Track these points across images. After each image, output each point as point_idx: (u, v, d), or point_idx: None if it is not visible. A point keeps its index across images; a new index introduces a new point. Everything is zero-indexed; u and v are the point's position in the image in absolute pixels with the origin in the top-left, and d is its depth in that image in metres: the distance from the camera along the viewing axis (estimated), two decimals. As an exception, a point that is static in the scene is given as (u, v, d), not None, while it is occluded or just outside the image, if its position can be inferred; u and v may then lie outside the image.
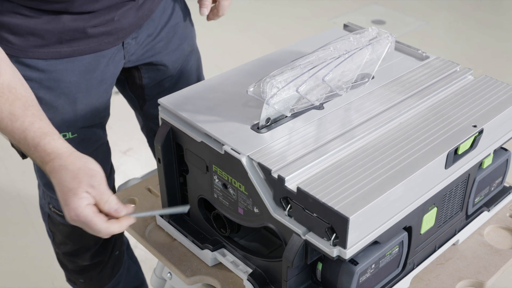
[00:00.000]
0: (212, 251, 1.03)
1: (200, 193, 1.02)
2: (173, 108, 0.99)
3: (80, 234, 1.38)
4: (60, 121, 1.18)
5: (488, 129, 0.96)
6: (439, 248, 1.03)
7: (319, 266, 0.90)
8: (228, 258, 1.03)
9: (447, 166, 0.92)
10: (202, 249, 1.04)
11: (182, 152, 1.02)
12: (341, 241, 0.80)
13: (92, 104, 1.23)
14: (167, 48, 1.31)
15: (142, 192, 1.23)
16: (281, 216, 0.87)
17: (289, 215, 0.87)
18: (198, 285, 1.06)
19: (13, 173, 2.39)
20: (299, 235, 0.85)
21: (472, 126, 0.94)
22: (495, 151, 1.06)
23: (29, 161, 1.20)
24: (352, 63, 0.99)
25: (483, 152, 0.99)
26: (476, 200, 1.07)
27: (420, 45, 1.25)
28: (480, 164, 1.03)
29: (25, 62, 1.12)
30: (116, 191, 1.33)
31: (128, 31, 1.20)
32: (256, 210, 0.92)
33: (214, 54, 3.10)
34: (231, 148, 0.90)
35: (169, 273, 1.12)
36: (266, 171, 0.87)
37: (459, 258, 1.05)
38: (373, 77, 1.06)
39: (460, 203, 1.03)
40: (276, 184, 0.86)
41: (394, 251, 0.92)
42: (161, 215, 1.11)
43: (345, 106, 1.00)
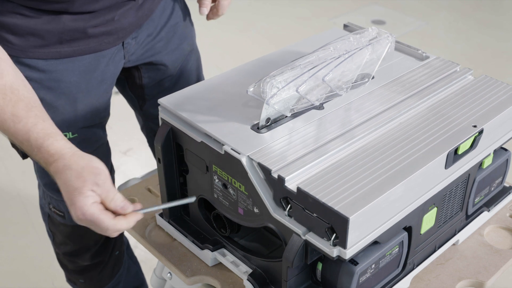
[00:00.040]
0: (212, 251, 1.03)
1: (200, 193, 1.02)
2: (173, 108, 0.99)
3: (80, 234, 1.38)
4: (60, 121, 1.18)
5: (488, 129, 0.96)
6: (439, 248, 1.03)
7: (319, 266, 0.90)
8: (228, 258, 1.03)
9: (447, 166, 0.92)
10: (202, 249, 1.04)
11: (182, 152, 1.02)
12: (341, 241, 0.80)
13: (92, 104, 1.23)
14: (167, 48, 1.32)
15: (142, 192, 1.23)
16: (281, 216, 0.87)
17: (289, 215, 0.87)
18: (198, 285, 1.06)
19: (13, 173, 2.39)
20: (299, 235, 0.85)
21: (472, 126, 0.94)
22: (495, 151, 1.06)
23: (29, 161, 1.21)
24: (352, 63, 0.99)
25: (483, 152, 0.99)
26: (476, 200, 1.07)
27: (420, 45, 1.25)
28: (480, 164, 1.03)
29: (25, 62, 1.12)
30: (116, 191, 1.33)
31: (128, 31, 1.20)
32: (256, 210, 0.92)
33: (214, 54, 3.10)
34: (231, 148, 0.90)
35: (169, 273, 1.12)
36: (266, 171, 0.87)
37: (459, 258, 1.05)
38: (373, 77, 1.06)
39: (460, 203, 1.03)
40: (276, 184, 0.86)
41: (394, 251, 0.92)
42: (162, 213, 1.11)
43: (345, 106, 1.00)
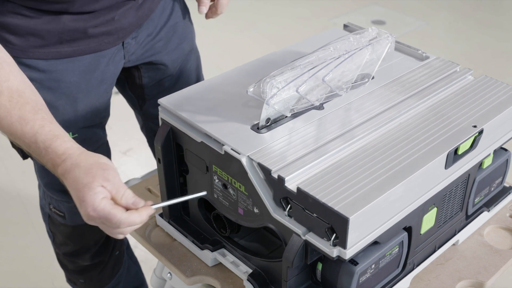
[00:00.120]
0: (212, 251, 1.03)
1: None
2: (173, 108, 0.99)
3: (80, 235, 1.38)
4: (61, 121, 1.18)
5: (488, 129, 0.96)
6: (439, 248, 1.03)
7: (319, 266, 0.90)
8: (228, 258, 1.03)
9: (447, 166, 0.92)
10: (202, 249, 1.04)
11: (182, 152, 1.02)
12: (341, 241, 0.80)
13: (93, 104, 1.23)
14: (167, 48, 1.32)
15: (142, 193, 1.23)
16: (281, 216, 0.87)
17: (289, 215, 0.87)
18: (198, 285, 1.06)
19: (13, 173, 2.39)
20: (299, 235, 0.85)
21: (472, 126, 0.95)
22: (495, 151, 1.06)
23: (29, 161, 1.20)
24: (352, 63, 0.99)
25: (483, 152, 0.99)
26: (476, 200, 1.07)
27: (420, 45, 1.25)
28: (480, 164, 1.03)
29: (26, 63, 1.12)
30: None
31: (128, 31, 1.20)
32: (256, 210, 0.92)
33: (214, 54, 3.10)
34: (231, 148, 0.90)
35: (169, 273, 1.12)
36: (266, 171, 0.87)
37: (459, 258, 1.05)
38: (373, 77, 1.06)
39: (460, 203, 1.03)
40: (276, 184, 0.86)
41: (394, 251, 0.92)
42: (162, 213, 1.11)
43: (345, 106, 1.00)
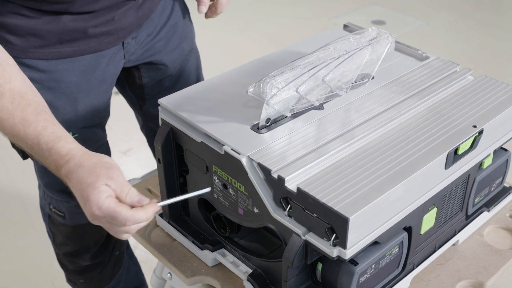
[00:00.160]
0: (212, 252, 1.03)
1: (200, 194, 1.02)
2: (173, 109, 0.99)
3: (80, 235, 1.38)
4: (61, 122, 1.17)
5: (488, 130, 0.96)
6: (439, 249, 1.03)
7: (319, 267, 0.90)
8: (228, 259, 1.03)
9: (447, 167, 0.92)
10: (202, 250, 1.04)
11: (182, 153, 1.02)
12: (341, 242, 0.80)
13: (93, 104, 1.23)
14: (167, 48, 1.32)
15: (142, 193, 1.22)
16: (281, 217, 0.87)
17: (289, 215, 0.87)
18: (198, 286, 1.06)
19: (13, 173, 2.39)
20: (299, 236, 0.85)
21: (472, 127, 0.95)
22: (495, 152, 1.06)
23: (29, 161, 1.20)
24: (352, 64, 0.99)
25: (483, 153, 0.99)
26: (476, 201, 1.07)
27: (420, 45, 1.25)
28: (480, 165, 1.03)
29: (26, 63, 1.12)
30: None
31: (128, 31, 1.20)
32: (256, 211, 0.92)
33: (214, 54, 3.10)
34: (231, 149, 0.90)
35: (169, 274, 1.12)
36: (266, 172, 0.87)
37: (459, 259, 1.05)
38: (373, 78, 1.06)
39: (460, 204, 1.03)
40: (276, 185, 0.86)
41: (394, 252, 0.92)
42: (162, 213, 1.11)
43: (345, 107, 1.00)
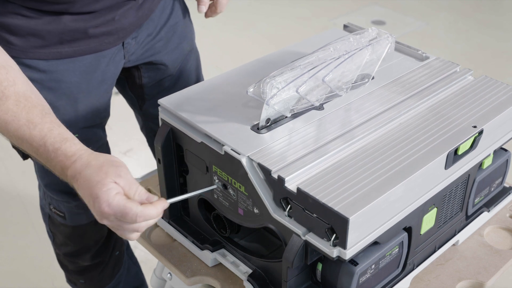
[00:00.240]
0: (212, 252, 1.03)
1: (200, 194, 1.02)
2: (173, 109, 0.99)
3: (81, 235, 1.38)
4: (61, 122, 1.18)
5: (488, 130, 0.97)
6: (439, 249, 1.03)
7: (319, 267, 0.90)
8: (228, 259, 1.03)
9: (447, 167, 0.92)
10: (202, 250, 1.04)
11: (182, 153, 1.02)
12: (341, 242, 0.80)
13: (93, 104, 1.23)
14: (167, 48, 1.32)
15: (142, 193, 1.23)
16: (281, 217, 0.87)
17: (289, 216, 0.87)
18: (198, 286, 1.06)
19: (13, 173, 2.39)
20: (299, 236, 0.85)
21: (472, 127, 0.95)
22: (495, 152, 1.06)
23: (29, 162, 1.20)
24: (352, 64, 0.99)
25: (483, 153, 0.99)
26: (476, 201, 1.07)
27: (420, 46, 1.25)
28: (480, 165, 1.03)
29: (26, 63, 1.12)
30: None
31: (129, 31, 1.20)
32: (256, 211, 0.92)
33: (214, 55, 3.10)
34: (231, 149, 0.90)
35: (169, 274, 1.12)
36: (266, 172, 0.87)
37: (459, 259, 1.05)
38: (373, 78, 1.07)
39: (460, 204, 1.03)
40: (276, 185, 0.86)
41: (394, 252, 0.92)
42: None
43: (345, 107, 1.00)
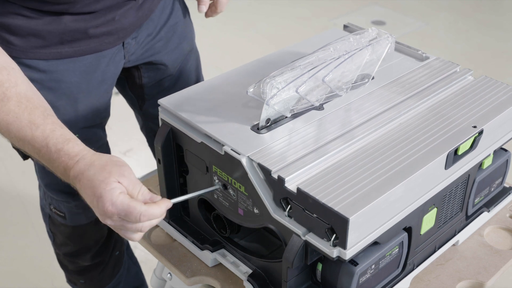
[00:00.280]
0: (212, 252, 1.03)
1: (200, 194, 1.02)
2: (173, 109, 0.99)
3: (81, 235, 1.38)
4: (61, 122, 1.18)
5: (488, 130, 0.97)
6: (439, 249, 1.03)
7: (319, 267, 0.90)
8: (228, 259, 1.03)
9: (447, 167, 0.92)
10: (202, 250, 1.04)
11: (182, 153, 1.02)
12: (341, 242, 0.80)
13: (93, 105, 1.23)
14: (167, 48, 1.32)
15: (142, 193, 1.23)
16: (281, 217, 0.87)
17: (289, 216, 0.87)
18: (198, 286, 1.06)
19: (13, 173, 2.39)
20: (299, 236, 0.85)
21: (472, 127, 0.95)
22: (495, 152, 1.06)
23: (29, 161, 1.20)
24: (352, 64, 0.99)
25: (483, 153, 0.99)
26: (476, 201, 1.07)
27: (420, 46, 1.25)
28: (480, 165, 1.03)
29: (26, 63, 1.12)
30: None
31: (129, 31, 1.20)
32: (256, 211, 0.92)
33: (214, 55, 3.10)
34: (231, 149, 0.90)
35: (169, 274, 1.12)
36: (266, 172, 0.87)
37: (459, 259, 1.05)
38: (373, 78, 1.07)
39: (460, 204, 1.03)
40: (276, 185, 0.86)
41: (394, 252, 0.92)
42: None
43: (345, 107, 1.00)
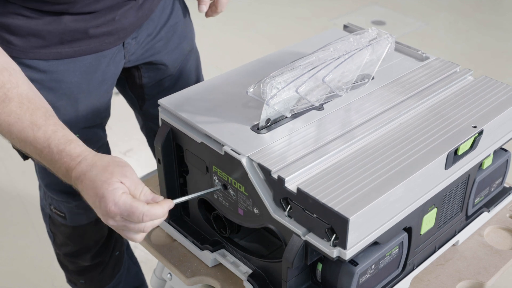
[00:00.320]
0: (212, 252, 1.03)
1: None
2: (173, 109, 0.99)
3: (81, 235, 1.38)
4: (62, 122, 1.18)
5: (488, 130, 0.97)
6: (439, 249, 1.03)
7: (319, 267, 0.90)
8: (228, 259, 1.03)
9: (447, 167, 0.92)
10: (202, 250, 1.04)
11: (182, 153, 1.02)
12: (341, 242, 0.80)
13: (93, 105, 1.23)
14: (167, 48, 1.32)
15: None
16: (281, 217, 0.87)
17: (289, 216, 0.87)
18: (198, 286, 1.06)
19: (13, 173, 2.39)
20: (299, 236, 0.85)
21: (472, 127, 0.95)
22: (495, 152, 1.06)
23: (29, 161, 1.20)
24: (352, 64, 0.99)
25: (483, 153, 0.99)
26: (476, 201, 1.07)
27: (420, 46, 1.25)
28: (480, 165, 1.03)
29: (27, 63, 1.12)
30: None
31: (129, 31, 1.20)
32: (256, 211, 0.92)
33: (214, 55, 3.10)
34: (231, 149, 0.90)
35: (169, 274, 1.12)
36: (266, 172, 0.87)
37: (459, 259, 1.05)
38: (373, 78, 1.07)
39: (460, 204, 1.03)
40: (276, 185, 0.86)
41: (394, 252, 0.92)
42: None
43: (345, 107, 1.00)
